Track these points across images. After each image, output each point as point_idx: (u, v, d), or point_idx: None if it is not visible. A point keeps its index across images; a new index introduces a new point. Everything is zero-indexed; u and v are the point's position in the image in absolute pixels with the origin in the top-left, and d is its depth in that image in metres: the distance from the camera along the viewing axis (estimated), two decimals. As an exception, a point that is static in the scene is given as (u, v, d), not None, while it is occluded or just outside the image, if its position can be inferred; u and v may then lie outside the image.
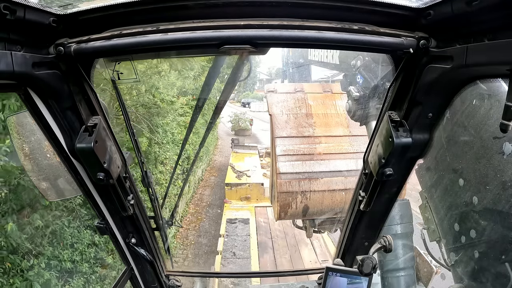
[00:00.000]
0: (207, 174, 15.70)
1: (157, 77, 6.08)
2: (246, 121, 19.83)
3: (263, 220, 9.98)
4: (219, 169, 16.20)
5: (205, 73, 2.16)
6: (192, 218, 11.99)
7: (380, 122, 1.26)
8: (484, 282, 1.26)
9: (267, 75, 43.68)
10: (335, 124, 4.27)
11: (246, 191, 11.39)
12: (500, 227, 1.16)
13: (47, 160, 1.44)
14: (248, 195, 11.34)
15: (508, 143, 1.10)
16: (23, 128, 1.41)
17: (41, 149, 1.41)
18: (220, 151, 18.48)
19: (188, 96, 8.17)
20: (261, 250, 8.48)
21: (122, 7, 0.99)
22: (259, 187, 11.35)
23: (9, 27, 0.85)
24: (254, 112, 25.64)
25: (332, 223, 4.41)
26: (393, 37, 0.99)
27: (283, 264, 8.13)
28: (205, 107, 2.04)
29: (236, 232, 9.29)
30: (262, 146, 15.55)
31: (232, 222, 9.81)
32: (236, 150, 15.11)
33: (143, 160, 1.82)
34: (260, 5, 1.02)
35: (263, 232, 9.39)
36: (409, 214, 2.48)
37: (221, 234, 9.29)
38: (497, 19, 0.77)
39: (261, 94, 34.49)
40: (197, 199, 13.27)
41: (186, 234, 11.00)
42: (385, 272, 2.44)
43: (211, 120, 2.14)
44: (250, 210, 10.52)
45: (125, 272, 1.86)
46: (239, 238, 8.99)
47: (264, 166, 13.10)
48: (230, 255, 8.30)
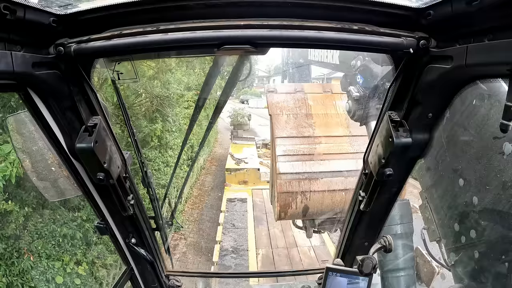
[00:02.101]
0: (208, 163, 17.27)
1: (170, 74, 6.95)
2: (244, 117, 20.43)
3: (259, 199, 11.31)
4: (219, 159, 17.82)
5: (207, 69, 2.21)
6: (196, 200, 13.41)
7: (380, 122, 1.26)
8: (484, 282, 1.26)
9: (265, 72, 43.75)
10: (335, 124, 4.27)
11: (244, 175, 12.74)
12: (500, 227, 1.17)
13: (47, 160, 1.44)
14: (246, 179, 12.68)
15: (508, 143, 1.10)
16: (23, 128, 1.41)
17: (41, 149, 1.41)
18: (220, 143, 19.85)
19: (192, 91, 9.13)
20: (257, 223, 9.72)
21: (122, 7, 0.99)
22: (256, 172, 12.70)
23: (9, 27, 0.85)
24: (252, 108, 26.20)
25: (332, 223, 4.40)
26: (393, 37, 0.99)
27: (276, 235, 9.07)
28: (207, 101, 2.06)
29: (235, 209, 10.67)
30: (259, 138, 16.94)
31: (231, 201, 11.21)
32: (235, 142, 16.56)
33: (143, 160, 1.82)
34: (260, 5, 1.02)
35: (258, 209, 10.67)
36: (409, 214, 2.48)
37: (222, 210, 10.60)
38: (497, 19, 0.77)
39: (260, 91, 34.94)
40: (199, 184, 14.83)
41: (192, 212, 12.42)
42: (385, 272, 2.44)
43: (211, 120, 2.14)
44: (248, 192, 11.91)
45: (125, 272, 1.86)
46: (238, 213, 10.36)
47: (261, 155, 14.48)
48: (230, 226, 9.60)
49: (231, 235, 9.19)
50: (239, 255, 8.36)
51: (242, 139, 17.07)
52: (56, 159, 1.35)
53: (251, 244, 8.75)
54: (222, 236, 9.12)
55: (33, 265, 4.71)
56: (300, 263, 7.39)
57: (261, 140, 16.36)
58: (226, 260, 8.19)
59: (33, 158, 1.45)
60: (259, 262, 8.08)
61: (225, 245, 8.75)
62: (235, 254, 8.44)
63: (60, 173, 1.46)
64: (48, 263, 4.95)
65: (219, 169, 16.13)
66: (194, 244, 10.64)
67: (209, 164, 17.33)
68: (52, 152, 1.32)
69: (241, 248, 8.62)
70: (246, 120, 20.19)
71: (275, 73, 34.39)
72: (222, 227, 9.57)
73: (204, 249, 10.25)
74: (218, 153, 18.64)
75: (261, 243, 8.87)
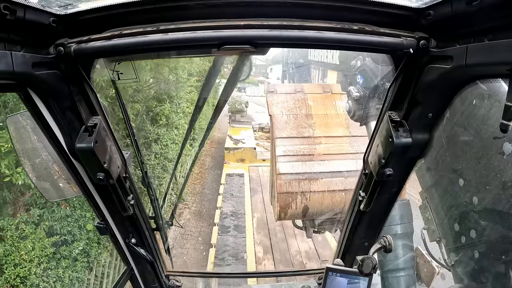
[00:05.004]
0: (207, 146, 18.52)
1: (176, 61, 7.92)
2: (242, 104, 21.06)
3: (255, 174, 12.66)
4: (218, 142, 19.28)
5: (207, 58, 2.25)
6: (197, 176, 14.55)
7: (380, 122, 1.26)
8: (484, 282, 1.26)
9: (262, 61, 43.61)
10: (335, 125, 4.27)
11: (241, 154, 13.88)
12: (500, 227, 1.17)
13: (47, 160, 1.44)
14: (243, 158, 13.81)
15: (508, 143, 1.10)
16: (23, 128, 1.41)
17: (41, 149, 1.41)
18: (218, 128, 20.81)
19: (194, 77, 10.22)
20: (253, 193, 11.03)
21: (122, 7, 0.99)
22: (252, 151, 13.88)
23: (9, 27, 0.85)
24: (250, 96, 26.75)
25: (332, 223, 4.40)
26: (393, 37, 0.98)
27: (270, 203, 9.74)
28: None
29: (233, 182, 11.98)
30: (255, 122, 17.88)
31: (230, 175, 12.49)
32: (233, 125, 17.72)
33: (143, 160, 1.82)
34: (260, 5, 1.02)
35: (254, 182, 11.96)
36: (409, 214, 2.48)
37: (222, 183, 11.89)
38: (497, 19, 0.77)
39: (257, 80, 35.50)
40: (200, 164, 16.04)
41: (194, 186, 13.57)
42: (385, 272, 2.44)
43: (211, 120, 2.14)
44: (245, 168, 13.10)
45: (125, 272, 1.86)
46: (236, 185, 11.68)
47: (257, 138, 15.62)
48: (229, 195, 10.86)
49: (230, 202, 10.44)
50: (237, 218, 9.51)
51: (240, 123, 18.18)
52: (56, 159, 1.35)
53: (247, 209, 9.97)
54: (222, 203, 10.36)
55: (69, 213, 5.72)
56: (291, 228, 7.87)
57: (257, 124, 17.22)
58: (226, 221, 9.30)
59: (33, 158, 1.45)
60: (254, 223, 9.21)
61: (225, 210, 9.99)
62: (233, 217, 9.58)
63: (60, 173, 1.47)
64: (80, 213, 5.94)
65: (218, 151, 17.40)
66: (197, 212, 11.96)
67: (209, 146, 18.62)
68: (52, 152, 1.32)
69: (239, 212, 9.84)
70: (243, 107, 20.79)
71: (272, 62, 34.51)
72: (222, 196, 10.81)
73: (206, 216, 11.57)
74: (217, 137, 19.84)
75: (256, 208, 10.04)
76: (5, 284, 4.57)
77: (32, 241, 4.94)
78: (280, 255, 7.82)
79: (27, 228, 4.96)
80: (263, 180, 11.84)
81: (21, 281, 4.65)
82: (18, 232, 4.88)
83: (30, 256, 4.82)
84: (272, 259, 7.68)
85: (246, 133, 15.94)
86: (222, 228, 8.93)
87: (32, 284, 4.75)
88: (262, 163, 13.14)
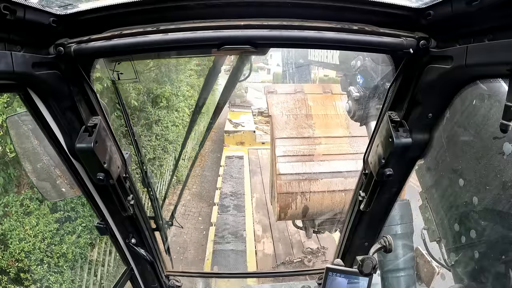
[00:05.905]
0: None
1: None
2: (241, 89, 20.99)
3: (254, 157, 12.68)
4: (217, 126, 19.57)
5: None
6: (197, 160, 14.63)
7: (380, 122, 1.26)
8: (484, 282, 1.26)
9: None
10: (335, 125, 4.28)
11: (241, 137, 13.95)
12: (500, 227, 1.17)
13: (47, 161, 1.44)
14: (242, 141, 13.89)
15: (508, 143, 1.10)
16: (23, 128, 1.41)
17: (41, 150, 1.41)
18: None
19: (194, 61, 10.31)
20: (252, 174, 11.16)
21: (122, 7, 0.99)
22: (252, 134, 13.95)
23: (9, 27, 0.85)
24: (249, 82, 26.83)
25: (332, 223, 4.41)
26: (393, 37, 0.98)
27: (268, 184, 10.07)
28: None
29: (233, 164, 12.09)
30: (255, 107, 17.95)
31: (230, 158, 12.62)
32: (233, 109, 17.67)
33: (143, 160, 1.82)
34: (260, 5, 1.02)
35: (254, 164, 12.05)
36: (409, 214, 2.48)
37: (222, 165, 12.00)
38: (497, 19, 0.77)
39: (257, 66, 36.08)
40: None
41: (194, 170, 13.44)
42: (385, 272, 2.44)
43: (211, 120, 2.14)
44: (244, 151, 13.19)
45: (125, 272, 1.86)
46: (235, 167, 11.80)
47: (256, 122, 15.67)
48: (228, 177, 10.99)
49: (230, 183, 10.60)
50: (236, 198, 9.64)
51: (240, 107, 18.20)
52: (56, 159, 1.35)
53: (247, 190, 10.10)
54: (222, 184, 10.53)
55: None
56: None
57: (257, 109, 17.32)
58: (225, 201, 9.44)
59: (33, 159, 1.45)
60: (254, 203, 9.31)
61: (225, 190, 10.13)
62: (233, 197, 9.72)
63: (60, 174, 1.46)
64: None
65: (218, 135, 17.38)
66: (197, 193, 12.03)
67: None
68: (52, 152, 1.32)
69: (238, 192, 9.97)
70: (243, 93, 20.88)
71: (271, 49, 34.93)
72: (221, 178, 10.97)
73: (206, 197, 11.62)
74: (217, 122, 19.94)
75: (255, 189, 10.08)
76: (10, 258, 4.65)
77: (37, 217, 5.07)
78: (279, 234, 7.86)
79: (31, 205, 5.07)
80: (262, 162, 11.96)
81: (26, 256, 4.74)
82: (23, 208, 4.99)
83: (35, 231, 4.94)
84: (271, 238, 7.77)
85: (246, 117, 16.02)
86: (222, 208, 9.06)
87: (36, 259, 4.86)
88: (261, 146, 13.18)
